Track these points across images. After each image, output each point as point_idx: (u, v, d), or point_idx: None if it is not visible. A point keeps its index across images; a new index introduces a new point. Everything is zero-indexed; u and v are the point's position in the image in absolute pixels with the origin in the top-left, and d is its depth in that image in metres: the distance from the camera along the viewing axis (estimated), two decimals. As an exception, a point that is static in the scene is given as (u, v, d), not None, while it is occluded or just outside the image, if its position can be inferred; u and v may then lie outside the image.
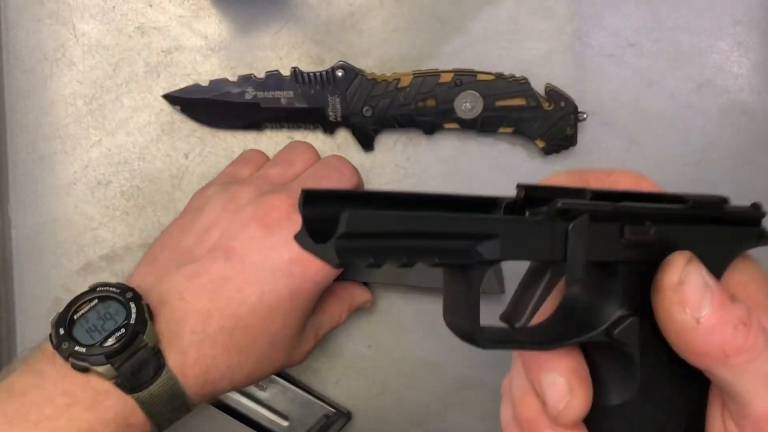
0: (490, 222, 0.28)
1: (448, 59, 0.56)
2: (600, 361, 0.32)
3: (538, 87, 0.56)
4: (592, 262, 0.30)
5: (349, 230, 0.25)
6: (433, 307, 0.59)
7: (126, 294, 0.43)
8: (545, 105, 0.55)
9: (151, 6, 0.57)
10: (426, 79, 0.55)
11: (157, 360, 0.42)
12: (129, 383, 0.41)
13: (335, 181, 0.50)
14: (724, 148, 0.57)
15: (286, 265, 0.45)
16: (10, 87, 0.57)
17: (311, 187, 0.27)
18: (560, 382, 0.31)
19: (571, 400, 0.31)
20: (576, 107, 0.55)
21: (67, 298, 0.44)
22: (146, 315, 0.43)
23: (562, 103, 0.55)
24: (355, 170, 0.52)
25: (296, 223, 0.26)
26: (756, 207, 0.33)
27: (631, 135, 0.57)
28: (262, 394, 0.57)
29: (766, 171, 0.58)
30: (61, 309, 0.44)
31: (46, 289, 0.59)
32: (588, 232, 0.29)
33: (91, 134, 0.58)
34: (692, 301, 0.29)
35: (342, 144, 0.58)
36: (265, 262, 0.45)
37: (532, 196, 0.29)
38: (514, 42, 0.57)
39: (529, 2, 0.56)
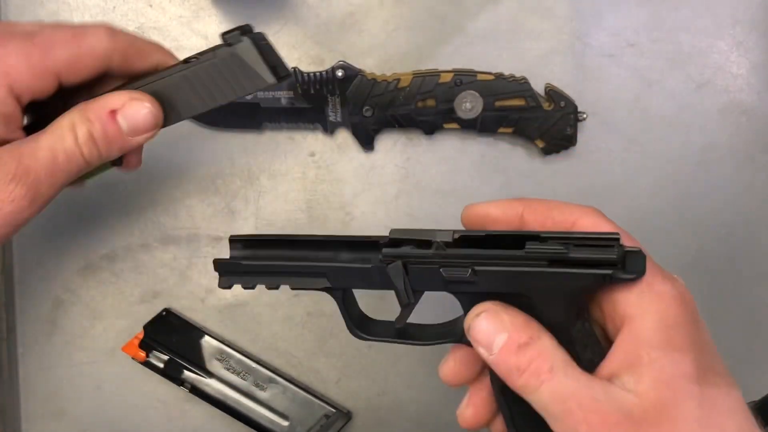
0: (325, 266, 0.40)
1: (448, 59, 0.57)
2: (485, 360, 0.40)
3: (538, 87, 0.56)
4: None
5: (220, 270, 0.41)
6: (434, 308, 0.59)
7: None
8: (545, 105, 0.55)
9: (151, 6, 0.57)
10: (426, 79, 0.55)
11: None
12: None
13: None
14: (724, 147, 0.57)
15: None
16: (10, 87, 0.57)
17: None
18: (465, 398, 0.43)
19: (462, 411, 0.43)
20: (576, 107, 0.55)
21: (68, 298, 0.44)
22: None
23: (562, 103, 0.55)
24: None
25: None
26: (611, 245, 0.36)
27: (630, 135, 0.57)
28: (262, 394, 0.57)
29: (766, 171, 0.58)
30: (60, 309, 0.44)
31: (46, 289, 0.59)
32: (403, 273, 0.38)
33: (91, 134, 0.58)
34: (481, 342, 0.37)
35: (342, 144, 0.58)
36: None
37: (398, 241, 0.39)
38: (514, 42, 0.57)
39: (529, 2, 0.56)
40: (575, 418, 0.34)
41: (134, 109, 0.39)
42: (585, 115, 0.56)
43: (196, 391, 0.57)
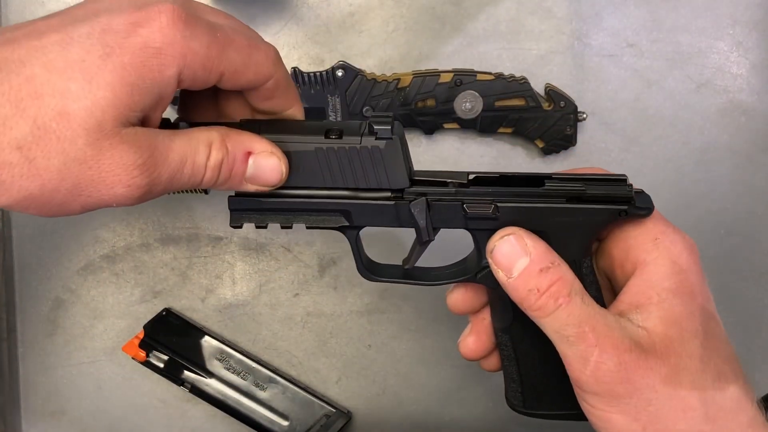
0: (346, 202, 0.39)
1: (448, 59, 0.57)
2: (491, 299, 0.43)
3: (538, 87, 0.56)
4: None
5: (232, 207, 0.40)
6: (434, 308, 0.59)
7: None
8: (545, 105, 0.55)
9: (151, 6, 0.57)
10: (426, 79, 0.55)
11: None
12: None
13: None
14: (724, 148, 0.57)
15: (107, 26, 0.34)
16: (10, 87, 0.57)
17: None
18: (467, 328, 0.45)
19: (463, 340, 0.45)
20: (575, 107, 0.55)
21: (68, 298, 0.44)
22: None
23: (562, 103, 0.55)
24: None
25: None
26: (622, 184, 0.39)
27: (630, 135, 0.57)
28: (262, 394, 0.57)
29: (765, 171, 0.58)
30: (60, 309, 0.43)
31: (46, 289, 0.59)
32: (426, 210, 0.39)
33: (91, 134, 0.58)
34: (502, 265, 0.38)
35: (342, 144, 0.58)
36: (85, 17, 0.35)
37: (418, 181, 0.40)
38: (514, 42, 0.57)
39: (529, 2, 0.56)
40: (589, 341, 0.36)
41: (267, 163, 0.38)
42: (585, 115, 0.56)
43: (196, 390, 0.57)
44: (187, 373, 0.57)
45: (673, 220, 0.59)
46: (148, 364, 0.57)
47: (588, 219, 0.39)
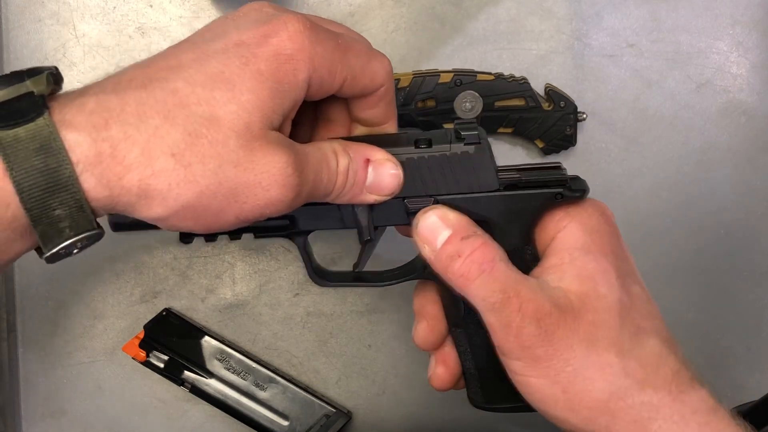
0: (296, 209, 0.38)
1: (448, 59, 0.57)
2: (441, 297, 0.44)
3: (538, 87, 0.56)
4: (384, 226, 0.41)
5: None
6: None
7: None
8: (545, 105, 0.55)
9: (151, 6, 0.57)
10: (426, 79, 0.55)
11: (34, 102, 0.31)
12: None
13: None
14: (724, 148, 0.58)
15: (239, 39, 0.35)
16: (10, 87, 0.57)
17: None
18: (415, 320, 0.45)
19: (416, 328, 0.44)
20: (575, 107, 0.55)
21: (68, 298, 0.44)
22: (48, 76, 0.32)
23: (562, 103, 0.55)
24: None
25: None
26: (556, 170, 0.41)
27: (630, 135, 0.57)
28: (262, 394, 0.57)
29: (765, 171, 0.58)
30: (61, 309, 0.43)
31: (46, 289, 0.59)
32: (368, 208, 0.40)
33: (91, 134, 0.58)
34: (426, 239, 0.39)
35: (342, 144, 0.58)
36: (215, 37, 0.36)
37: None
38: (513, 42, 0.57)
39: (529, 2, 0.56)
40: (512, 306, 0.36)
41: (386, 169, 0.38)
42: (585, 115, 0.56)
43: (197, 390, 0.57)
44: (187, 373, 0.57)
45: (673, 220, 0.59)
46: (148, 364, 0.57)
47: (526, 205, 0.40)
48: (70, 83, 0.57)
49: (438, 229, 0.38)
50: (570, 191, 0.40)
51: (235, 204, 0.33)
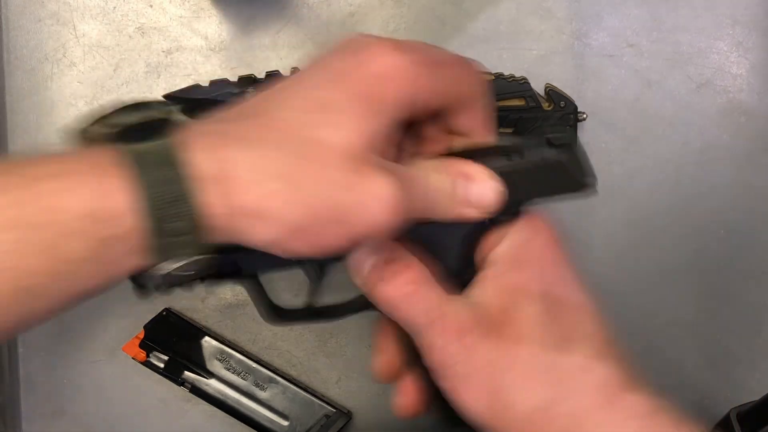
0: (239, 256, 0.38)
1: (448, 59, 0.57)
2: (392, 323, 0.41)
3: (538, 87, 0.56)
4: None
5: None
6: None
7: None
8: (545, 105, 0.55)
9: (151, 6, 0.57)
10: (426, 79, 0.55)
11: (159, 125, 0.34)
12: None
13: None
14: (724, 148, 0.58)
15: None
16: (10, 87, 0.57)
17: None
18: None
19: (375, 359, 0.43)
20: (576, 107, 0.55)
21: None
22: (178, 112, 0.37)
23: (562, 103, 0.55)
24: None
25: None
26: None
27: (630, 135, 0.57)
28: (262, 394, 0.57)
29: (766, 171, 0.58)
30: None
31: (47, 289, 0.59)
32: None
33: (91, 134, 0.58)
34: (356, 269, 0.38)
35: (342, 144, 0.58)
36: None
37: None
38: (514, 42, 0.57)
39: (529, 3, 0.57)
40: (435, 329, 0.36)
41: (488, 185, 0.38)
42: (585, 115, 0.56)
43: (197, 390, 0.57)
44: (187, 373, 0.57)
45: (673, 220, 0.59)
46: (148, 364, 0.57)
47: (453, 234, 0.39)
48: (70, 83, 0.57)
49: (365, 259, 0.38)
50: (501, 215, 0.39)
51: (343, 226, 0.33)
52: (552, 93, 0.55)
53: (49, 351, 0.59)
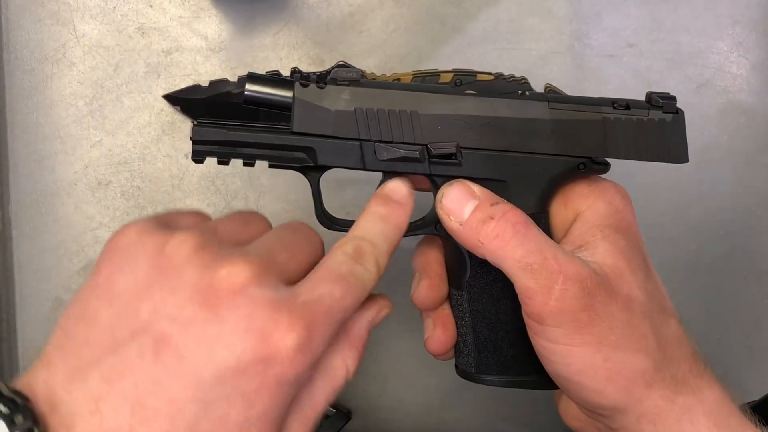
0: (310, 140, 0.39)
1: (448, 59, 0.57)
2: (448, 255, 0.43)
3: (538, 87, 0.56)
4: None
5: (196, 138, 0.40)
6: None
7: (16, 414, 0.32)
8: (545, 105, 0.55)
9: (151, 7, 0.57)
10: (426, 79, 0.55)
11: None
12: None
13: (307, 252, 0.38)
14: (724, 148, 0.58)
15: (237, 365, 0.30)
16: (10, 87, 0.57)
17: (280, 256, 0.34)
18: (416, 277, 0.44)
19: (415, 288, 0.43)
20: (576, 107, 0.55)
21: (68, 298, 0.44)
22: None
23: (562, 103, 0.55)
24: (320, 239, 0.41)
25: (255, 300, 0.31)
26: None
27: (630, 135, 0.57)
28: (262, 394, 0.57)
29: (765, 171, 0.58)
30: (61, 309, 0.43)
31: (46, 289, 0.59)
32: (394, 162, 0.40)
33: (91, 134, 0.58)
34: (452, 210, 0.38)
35: (342, 144, 0.58)
36: (209, 362, 0.30)
37: None
38: (513, 42, 0.57)
39: (529, 3, 0.57)
40: (552, 268, 0.36)
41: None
42: (585, 115, 0.56)
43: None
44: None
45: (673, 220, 0.59)
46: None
47: (545, 170, 0.40)
48: (69, 83, 0.57)
49: (464, 199, 0.38)
50: (594, 164, 0.40)
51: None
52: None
53: (49, 351, 0.59)
